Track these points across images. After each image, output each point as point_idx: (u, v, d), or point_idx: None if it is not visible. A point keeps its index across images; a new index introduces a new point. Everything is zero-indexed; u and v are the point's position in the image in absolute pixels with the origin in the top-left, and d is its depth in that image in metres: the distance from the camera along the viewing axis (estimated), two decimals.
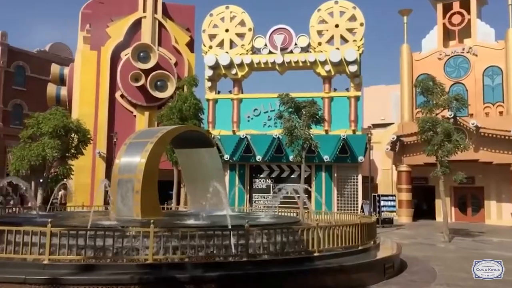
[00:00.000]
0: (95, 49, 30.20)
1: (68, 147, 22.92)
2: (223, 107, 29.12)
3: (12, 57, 42.64)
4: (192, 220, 10.20)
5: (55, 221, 10.17)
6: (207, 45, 29.63)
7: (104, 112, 29.17)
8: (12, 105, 42.41)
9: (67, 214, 14.45)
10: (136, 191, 10.90)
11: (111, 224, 9.11)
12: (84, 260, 7.35)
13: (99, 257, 7.47)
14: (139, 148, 11.32)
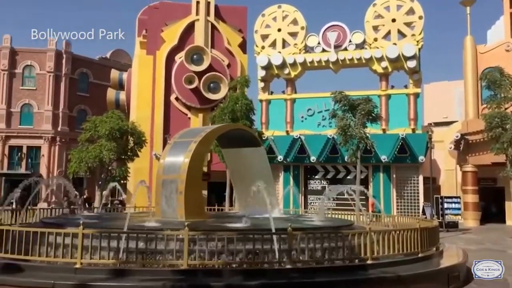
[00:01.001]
0: (151, 53, 30.78)
1: (124, 149, 23.44)
2: (276, 108, 28.60)
3: (76, 64, 44.71)
4: (236, 222, 9.72)
5: (99, 223, 10.13)
6: (259, 45, 29.27)
7: (159, 115, 29.62)
8: (77, 110, 44.44)
9: (116, 215, 14.45)
10: (180, 191, 10.61)
11: (151, 226, 8.82)
12: (116, 264, 7.04)
13: (131, 261, 7.14)
14: (183, 147, 11.04)
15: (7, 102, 42.75)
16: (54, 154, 42.93)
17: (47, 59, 43.20)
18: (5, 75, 42.83)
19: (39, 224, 10.43)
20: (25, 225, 10.70)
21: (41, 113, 43.23)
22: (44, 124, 43.08)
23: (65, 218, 11.24)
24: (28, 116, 43.38)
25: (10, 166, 42.73)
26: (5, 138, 42.57)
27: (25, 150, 43.13)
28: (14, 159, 43.30)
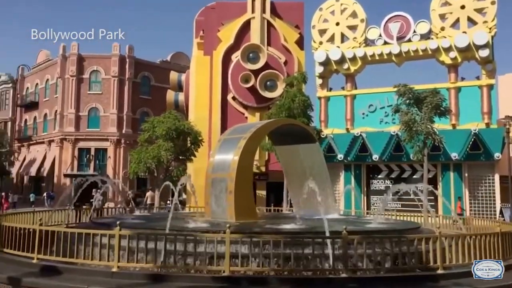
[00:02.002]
0: (208, 54, 30.75)
1: (181, 149, 23.45)
2: (335, 105, 27.46)
3: (138, 68, 45.99)
4: (288, 224, 8.99)
5: (145, 223, 9.78)
6: (317, 41, 28.27)
7: (217, 115, 29.46)
8: (139, 113, 45.67)
9: (167, 215, 14.09)
10: (229, 191, 10.08)
11: (196, 227, 8.30)
12: (154, 268, 6.55)
13: (170, 265, 6.62)
14: (232, 145, 10.50)
15: (76, 107, 44.76)
16: (120, 155, 44.36)
17: (111, 64, 44.75)
18: (74, 80, 44.87)
19: (88, 224, 10.30)
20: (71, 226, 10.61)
21: (107, 116, 44.84)
22: (109, 127, 44.66)
23: (114, 218, 11.06)
24: (95, 120, 45.18)
25: (79, 167, 44.70)
26: (75, 140, 44.59)
27: (93, 152, 44.93)
28: (83, 161, 45.23)
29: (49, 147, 46.83)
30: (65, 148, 44.75)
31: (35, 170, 47.26)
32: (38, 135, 50.14)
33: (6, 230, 7.93)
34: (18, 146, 54.05)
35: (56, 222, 11.94)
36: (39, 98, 50.92)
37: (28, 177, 50.55)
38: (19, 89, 54.85)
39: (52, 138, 46.22)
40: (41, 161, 47.06)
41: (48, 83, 49.17)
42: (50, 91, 48.65)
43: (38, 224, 7.54)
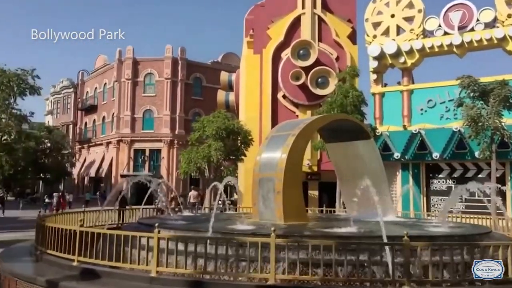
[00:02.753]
0: (258, 52, 30.31)
1: (231, 149, 23.18)
2: (391, 101, 26.08)
3: (190, 70, 46.55)
4: (341, 227, 8.27)
5: (188, 224, 9.40)
6: (370, 34, 27.01)
7: (267, 114, 28.94)
8: (192, 113, 46.20)
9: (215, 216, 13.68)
10: (277, 191, 9.48)
11: (241, 229, 7.79)
12: (195, 274, 6.08)
13: (211, 271, 6.13)
14: (280, 142, 9.89)
15: (131, 109, 45.99)
16: (173, 156, 45.05)
17: (164, 66, 45.58)
18: (129, 83, 46.11)
19: (133, 225, 10.08)
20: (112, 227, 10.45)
21: (160, 117, 45.71)
22: (163, 128, 45.49)
23: (160, 219, 10.79)
24: (149, 121, 46.19)
25: (135, 168, 45.87)
26: (130, 142, 45.81)
27: (147, 153, 45.97)
28: (138, 161, 46.38)
29: (107, 148, 48.43)
30: (121, 149, 46.08)
31: (94, 171, 49.03)
32: (97, 137, 52.05)
33: (49, 230, 7.81)
34: (79, 148, 56.39)
35: (104, 222, 11.85)
36: (98, 102, 52.86)
37: (88, 177, 52.56)
38: (79, 93, 57.29)
39: (109, 140, 47.77)
40: (99, 162, 48.77)
41: (106, 87, 50.91)
42: (108, 95, 50.34)
43: (78, 225, 7.34)
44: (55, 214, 11.41)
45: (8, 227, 20.73)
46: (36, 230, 8.93)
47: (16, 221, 23.41)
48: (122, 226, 11.77)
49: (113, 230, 7.17)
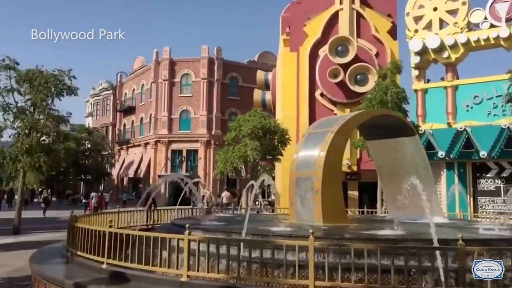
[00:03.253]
0: (294, 50, 29.77)
1: (268, 148, 22.75)
2: (434, 97, 24.93)
3: (226, 69, 46.48)
4: (385, 229, 7.67)
5: (223, 226, 9.02)
6: (411, 29, 25.94)
7: (305, 113, 28.34)
8: (228, 113, 46.10)
9: (250, 217, 13.22)
10: (316, 190, 8.98)
11: (277, 231, 7.33)
12: (227, 279, 5.67)
13: (244, 277, 5.69)
14: (318, 139, 9.37)
15: (168, 110, 46.37)
16: (210, 156, 45.09)
17: (200, 67, 45.71)
18: (166, 84, 46.52)
19: (167, 226, 9.81)
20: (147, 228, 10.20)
21: (197, 118, 45.86)
22: (200, 128, 45.61)
23: (193, 220, 10.48)
24: (186, 122, 46.44)
25: (172, 168, 46.19)
26: (168, 142, 46.18)
27: (184, 154, 46.21)
28: (176, 162, 46.70)
29: (145, 149, 49.04)
30: (159, 150, 46.53)
31: (133, 171, 49.76)
32: (135, 138, 52.84)
33: (79, 231, 7.61)
34: (118, 149, 57.46)
35: (136, 223, 11.67)
36: (136, 103, 53.66)
37: (127, 178, 53.44)
38: (118, 95, 58.39)
39: (147, 140, 48.35)
40: (138, 163, 49.45)
41: (143, 88, 51.60)
42: (145, 96, 51.00)
43: (107, 226, 7.08)
44: (88, 214, 11.30)
45: (47, 227, 21.12)
46: (67, 231, 8.80)
47: (55, 221, 23.86)
48: (156, 227, 11.56)
49: (143, 232, 6.86)
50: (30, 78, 18.34)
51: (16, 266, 10.37)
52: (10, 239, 16.81)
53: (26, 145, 17.96)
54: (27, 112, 18.77)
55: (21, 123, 18.27)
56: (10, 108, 18.54)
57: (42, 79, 18.18)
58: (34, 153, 18.21)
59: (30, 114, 18.66)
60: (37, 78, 18.19)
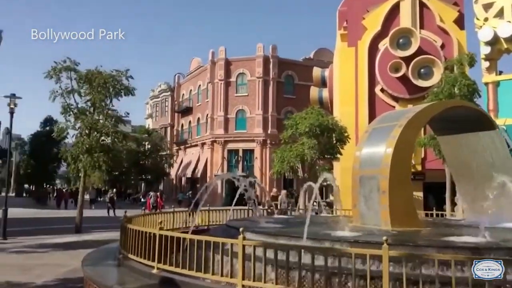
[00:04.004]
0: (352, 45, 28.61)
1: (326, 147, 21.86)
2: (507, 90, 22.94)
3: (282, 68, 45.84)
4: (468, 234, 6.70)
5: (281, 228, 8.38)
6: (481, 17, 24.02)
7: (364, 109, 27.12)
8: (284, 112, 45.43)
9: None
10: (382, 190, 8.13)
11: (342, 235, 6.59)
12: None
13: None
14: (383, 134, 8.50)
15: (224, 109, 46.46)
16: (266, 156, 44.67)
17: (256, 66, 45.38)
18: (222, 84, 46.63)
19: (222, 227, 9.32)
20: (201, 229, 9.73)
21: (253, 117, 45.58)
22: (255, 127, 45.30)
23: (249, 221, 9.92)
24: (242, 121, 46.31)
25: (229, 168, 46.21)
26: (224, 142, 46.27)
27: (240, 153, 46.10)
28: (232, 162, 46.70)
29: (202, 149, 49.47)
30: (215, 150, 46.73)
31: (190, 171, 50.38)
32: (193, 138, 53.49)
33: (130, 232, 7.26)
34: (176, 150, 58.50)
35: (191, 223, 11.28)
36: (193, 103, 54.33)
37: (185, 178, 54.23)
38: (176, 96, 59.44)
39: (204, 140, 48.74)
40: (195, 163, 50.00)
41: (200, 89, 52.12)
42: (202, 96, 51.47)
43: (157, 228, 6.65)
44: (141, 214, 11.06)
45: (108, 226, 21.48)
46: (120, 232, 8.53)
47: (117, 220, 24.23)
48: (211, 229, 11.14)
49: (193, 235, 6.36)
50: (89, 79, 18.65)
51: (73, 266, 10.30)
52: (72, 237, 17.14)
53: (86, 145, 18.27)
54: (87, 113, 19.11)
55: (81, 123, 18.62)
56: (71, 109, 18.94)
57: (100, 80, 18.42)
58: (94, 152, 18.50)
59: (90, 115, 18.98)
60: (96, 79, 18.46)
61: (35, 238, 16.79)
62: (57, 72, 18.62)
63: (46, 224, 22.97)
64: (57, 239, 16.44)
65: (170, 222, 12.16)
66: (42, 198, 47.75)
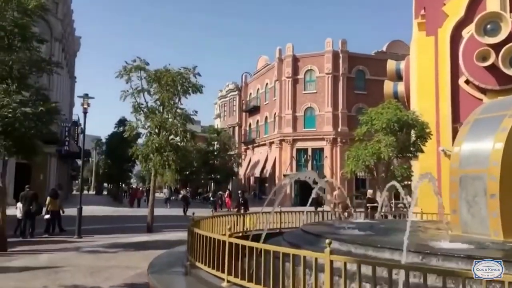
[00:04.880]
0: (432, 34, 26.44)
1: (404, 144, 20.22)
2: None
3: (352, 63, 44.03)
4: None
5: (368, 236, 7.27)
6: None
7: (446, 103, 24.90)
8: (355, 109, 43.65)
9: (394, 224, 11.04)
10: (490, 194, 6.80)
11: (449, 249, 5.39)
12: None
13: None
14: (490, 126, 7.14)
15: (292, 107, 45.48)
16: (336, 155, 43.15)
17: (325, 61, 43.96)
18: (289, 82, 45.69)
19: (296, 232, 8.37)
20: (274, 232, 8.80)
21: (322, 115, 44.20)
22: (325, 125, 43.89)
23: (327, 226, 8.89)
24: (310, 119, 45.08)
25: (298, 168, 45.18)
26: (292, 141, 45.29)
27: (309, 152, 44.89)
28: (301, 161, 45.60)
29: (270, 148, 48.83)
30: (284, 149, 45.88)
31: (258, 171, 49.94)
32: (261, 137, 53.04)
33: (198, 238, 6.52)
34: (244, 149, 58.41)
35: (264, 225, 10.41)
36: (260, 102, 53.89)
37: (253, 177, 53.93)
38: (243, 96, 59.36)
39: (272, 139, 48.07)
40: (263, 162, 49.47)
41: (267, 87, 51.53)
42: (269, 95, 50.85)
43: (227, 234, 5.84)
44: (209, 217, 10.37)
45: (179, 226, 21.35)
46: (187, 236, 7.86)
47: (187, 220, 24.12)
48: (283, 232, 10.23)
49: (269, 245, 5.43)
50: (158, 77, 18.51)
51: (142, 268, 9.84)
52: (143, 237, 17.04)
53: (155, 144, 18.13)
54: (157, 112, 18.99)
55: (150, 122, 18.52)
56: (141, 108, 18.92)
57: (169, 78, 18.20)
58: (163, 152, 18.32)
59: (159, 114, 18.85)
60: (164, 77, 18.27)
61: (108, 237, 16.87)
62: (127, 72, 18.66)
63: (120, 222, 23.35)
64: (128, 238, 16.39)
65: (239, 224, 11.44)
66: (118, 197, 49.58)
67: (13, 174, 31.78)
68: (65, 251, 13.02)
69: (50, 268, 10.29)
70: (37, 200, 17.24)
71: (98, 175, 76.68)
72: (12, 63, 13.15)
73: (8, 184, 30.57)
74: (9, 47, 13.36)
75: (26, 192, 17.28)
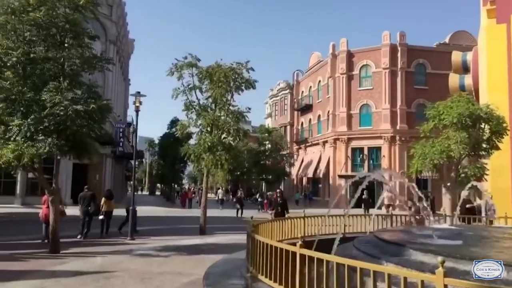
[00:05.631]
0: (503, 21, 24.27)
1: (477, 141, 18.37)
2: None
3: (411, 56, 41.76)
4: None
5: (459, 247, 5.99)
6: None
7: None
8: (415, 105, 41.38)
9: (479, 231, 9.47)
10: None
11: None
12: None
13: None
14: None
15: (347, 105, 43.81)
16: (394, 154, 41.05)
17: (381, 56, 41.99)
18: (344, 78, 44.03)
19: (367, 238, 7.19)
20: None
21: (379, 112, 42.23)
22: (382, 123, 41.90)
23: (404, 233, 7.64)
24: (366, 117, 43.19)
25: (353, 168, 43.43)
26: (347, 140, 43.59)
27: (365, 151, 43.01)
28: (357, 160, 43.83)
29: (323, 148, 47.32)
30: (338, 149, 44.28)
31: (311, 171, 48.54)
32: (313, 136, 51.60)
33: (260, 246, 5.53)
34: (296, 149, 57.16)
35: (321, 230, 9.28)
36: (313, 100, 52.48)
37: (306, 178, 52.56)
38: (295, 94, 58.12)
39: (325, 139, 46.55)
40: (316, 162, 48.02)
41: (320, 85, 50.04)
42: (322, 92, 49.35)
43: (298, 244, 4.80)
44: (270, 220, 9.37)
45: (233, 228, 20.67)
46: (246, 242, 6.90)
47: (241, 221, 23.37)
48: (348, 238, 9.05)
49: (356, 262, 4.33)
50: (210, 73, 17.79)
51: (195, 276, 9.03)
52: (195, 239, 16.37)
53: (208, 143, 17.42)
54: (209, 109, 18.28)
55: (202, 120, 17.83)
56: (193, 106, 18.28)
57: (221, 74, 17.43)
58: (216, 151, 17.57)
59: (211, 111, 18.13)
60: (216, 73, 17.53)
61: (160, 239, 16.34)
62: (178, 69, 18.07)
63: (173, 223, 22.95)
64: (181, 240, 15.76)
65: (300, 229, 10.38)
66: (170, 197, 49.90)
67: (70, 174, 32.37)
68: (117, 254, 12.51)
69: (100, 273, 9.70)
70: (95, 200, 17.15)
71: (151, 175, 78.04)
72: (63, 60, 12.81)
73: (66, 184, 31.35)
74: (61, 44, 13.06)
75: (84, 192, 17.18)
